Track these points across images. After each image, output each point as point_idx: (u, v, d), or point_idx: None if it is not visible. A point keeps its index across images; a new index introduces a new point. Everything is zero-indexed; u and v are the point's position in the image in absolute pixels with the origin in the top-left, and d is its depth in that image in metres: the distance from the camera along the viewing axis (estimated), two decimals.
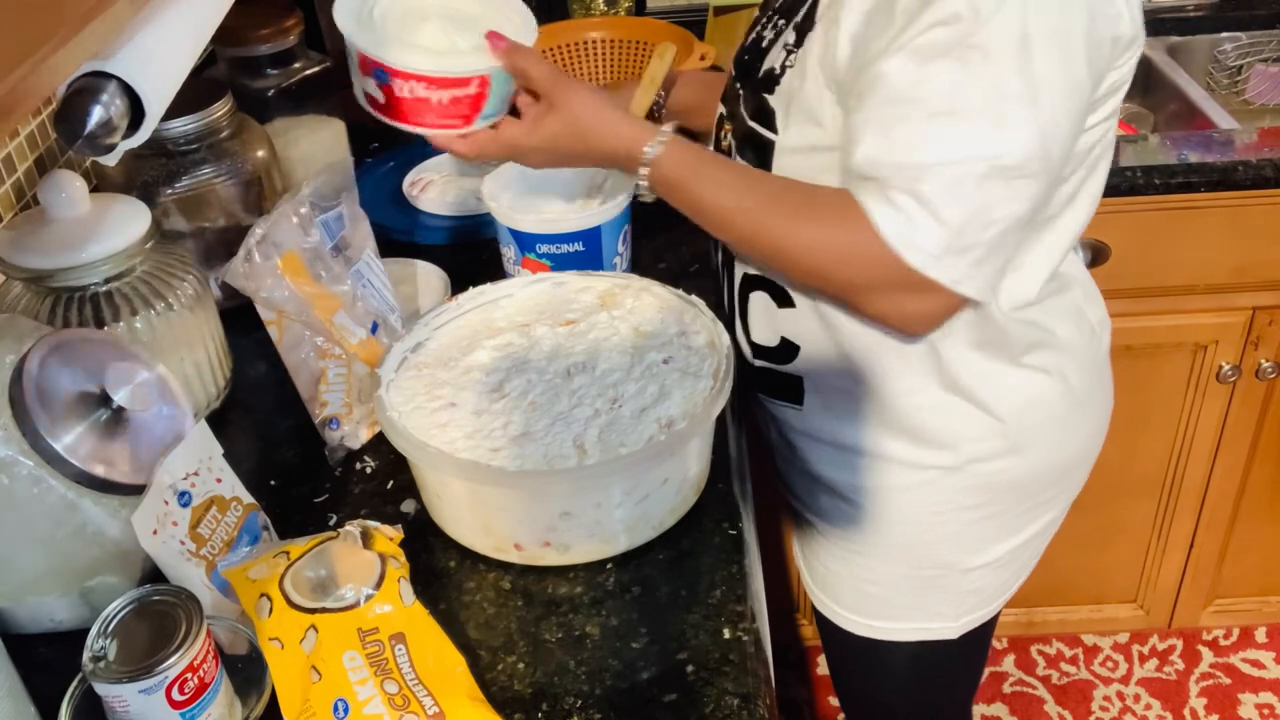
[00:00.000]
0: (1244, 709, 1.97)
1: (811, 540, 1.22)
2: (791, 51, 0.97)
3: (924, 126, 0.85)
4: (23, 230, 1.03)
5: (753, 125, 1.01)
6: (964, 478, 1.07)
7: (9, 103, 0.45)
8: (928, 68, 0.84)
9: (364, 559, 0.86)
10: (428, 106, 0.93)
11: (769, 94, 0.99)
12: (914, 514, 1.10)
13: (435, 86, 0.92)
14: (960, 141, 0.84)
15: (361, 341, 1.09)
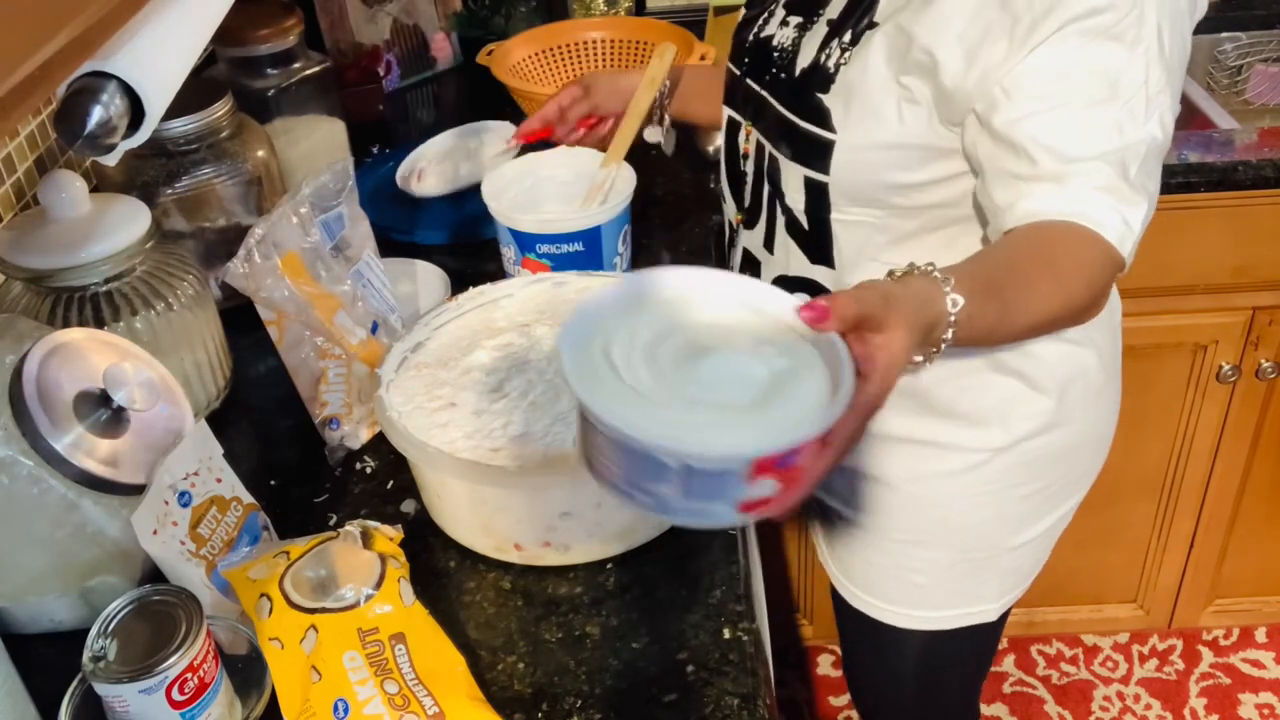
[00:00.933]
0: (1244, 709, 1.97)
1: (848, 537, 1.20)
2: (846, 49, 0.95)
3: (1088, 119, 0.85)
4: (23, 230, 1.03)
5: (805, 126, 0.98)
6: (1014, 455, 1.08)
7: (9, 103, 0.45)
8: (1075, 61, 0.85)
9: (364, 559, 0.86)
10: (806, 455, 0.63)
11: (822, 92, 0.97)
12: (965, 497, 1.11)
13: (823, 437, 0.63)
14: (1127, 129, 0.85)
15: (361, 341, 1.09)
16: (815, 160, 0.98)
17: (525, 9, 1.85)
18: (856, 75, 0.94)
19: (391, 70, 1.83)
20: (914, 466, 1.10)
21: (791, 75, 1.01)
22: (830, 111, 0.96)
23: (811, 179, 1.00)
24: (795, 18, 1.03)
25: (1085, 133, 0.85)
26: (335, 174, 1.12)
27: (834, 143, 0.96)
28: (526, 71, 1.66)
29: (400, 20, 1.83)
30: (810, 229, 1.03)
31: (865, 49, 0.94)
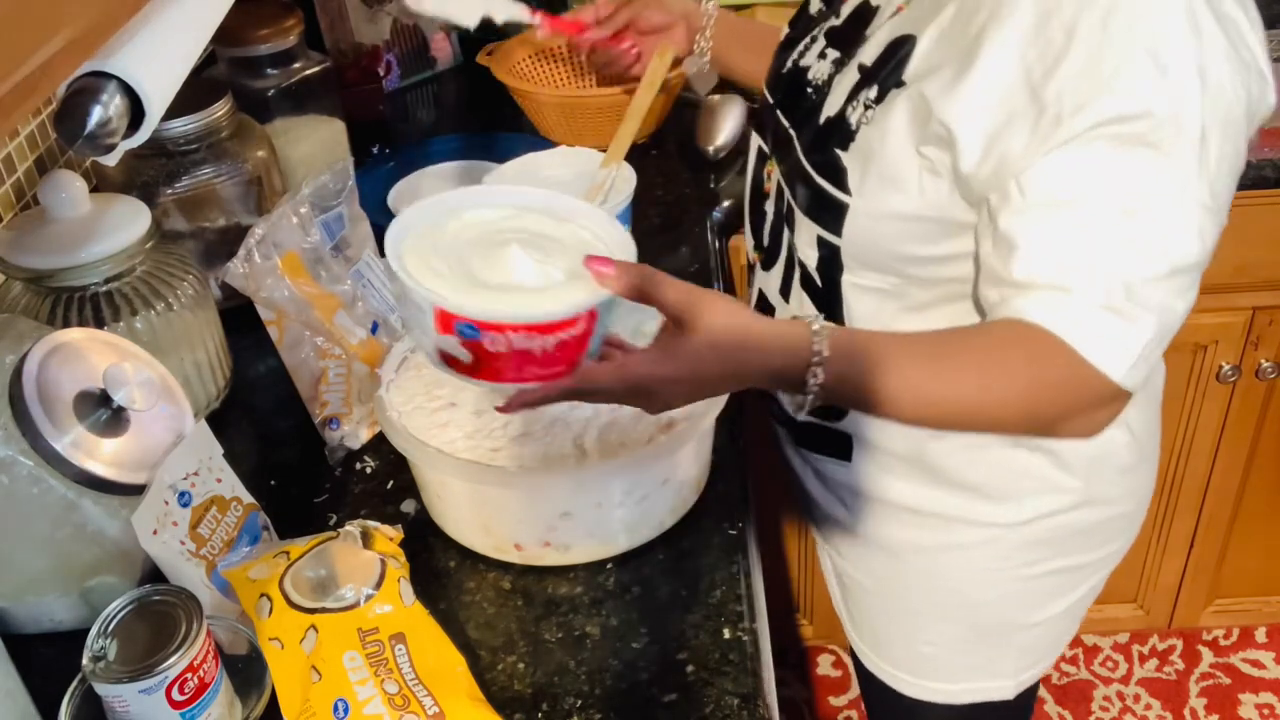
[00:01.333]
0: (1244, 709, 1.97)
1: (859, 598, 1.15)
2: (870, 107, 0.88)
3: (1101, 230, 0.77)
4: (23, 230, 1.03)
5: (820, 181, 0.91)
6: (1029, 532, 1.01)
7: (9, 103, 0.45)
8: (1099, 168, 0.77)
9: (364, 559, 0.86)
10: (529, 358, 0.73)
11: (841, 149, 0.89)
12: (975, 572, 1.04)
13: (538, 334, 0.71)
14: (1142, 245, 0.77)
15: (361, 341, 1.09)
16: (828, 220, 0.92)
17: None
18: (876, 138, 0.87)
19: (391, 70, 1.83)
20: (918, 537, 1.04)
21: (816, 119, 0.94)
22: (847, 171, 0.89)
23: (824, 238, 0.93)
24: (834, 51, 0.96)
25: (1094, 246, 0.77)
26: (335, 174, 1.12)
27: (848, 206, 0.89)
28: (526, 71, 1.66)
29: (400, 20, 1.83)
30: (822, 287, 0.97)
31: (889, 110, 0.86)
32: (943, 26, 0.84)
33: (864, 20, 0.94)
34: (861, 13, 0.95)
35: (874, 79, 0.88)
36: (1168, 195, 0.77)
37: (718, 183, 1.52)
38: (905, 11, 0.89)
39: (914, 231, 0.88)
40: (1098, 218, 0.77)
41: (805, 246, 0.96)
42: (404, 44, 1.84)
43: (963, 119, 0.80)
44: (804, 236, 0.96)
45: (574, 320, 0.73)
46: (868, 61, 0.90)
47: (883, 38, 0.89)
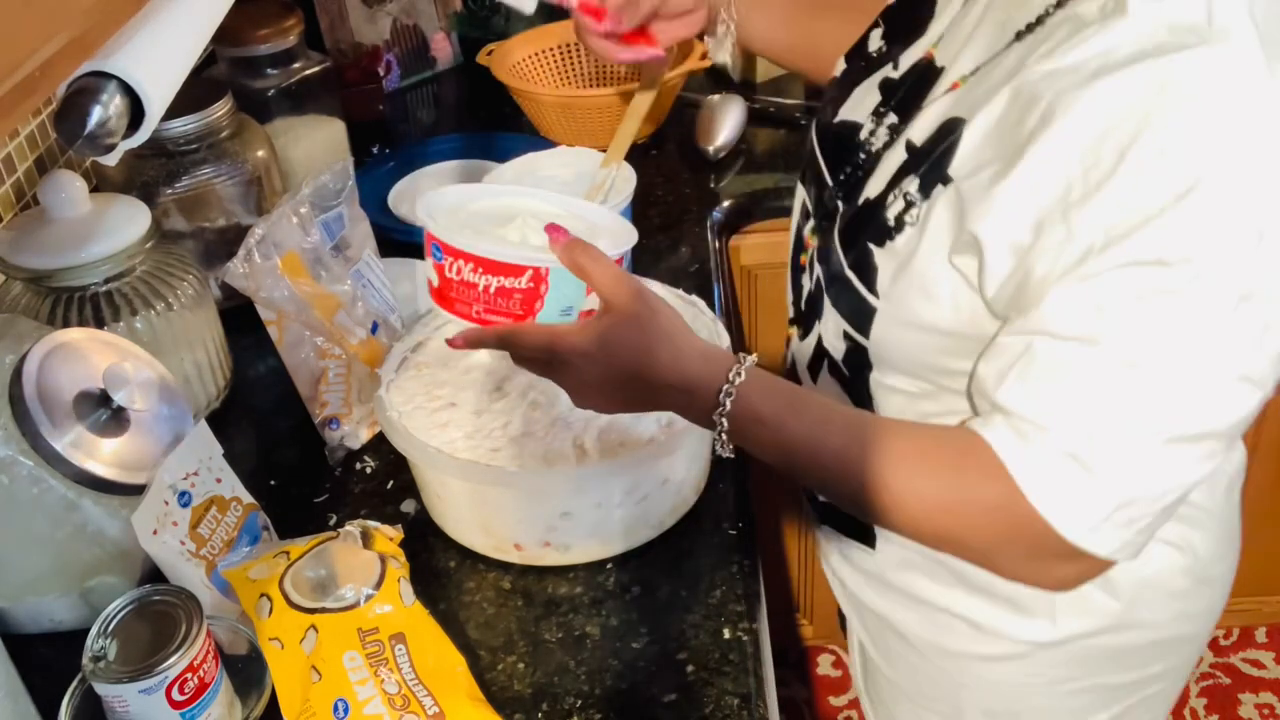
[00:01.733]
0: (1244, 709, 1.97)
1: (875, 678, 1.08)
2: (913, 204, 0.79)
3: (1102, 377, 0.69)
4: (23, 230, 1.03)
5: (849, 276, 0.83)
6: (1063, 651, 0.92)
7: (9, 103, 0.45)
8: (1118, 310, 0.68)
9: (364, 559, 0.86)
10: (474, 293, 0.80)
11: (876, 244, 0.81)
12: (998, 683, 0.96)
13: (483, 271, 0.79)
14: (1145, 402, 0.69)
15: (361, 341, 1.09)
16: (855, 318, 0.84)
17: None
18: (913, 241, 0.78)
19: (391, 70, 1.83)
20: (941, 639, 0.96)
21: (857, 196, 0.85)
22: (878, 272, 0.81)
23: (850, 334, 0.85)
24: (888, 112, 0.87)
25: (1085, 389, 0.70)
26: (335, 174, 1.12)
27: (876, 310, 0.82)
28: (526, 71, 1.66)
29: (400, 20, 1.83)
30: (850, 377, 0.89)
31: (930, 210, 0.77)
32: (993, 117, 0.74)
33: (925, 82, 0.85)
34: (924, 73, 0.86)
35: (919, 166, 0.79)
36: (1185, 354, 0.68)
37: (718, 183, 1.52)
38: (960, 90, 0.80)
39: (946, 345, 0.79)
40: (1099, 362, 0.69)
41: (832, 336, 0.89)
42: (404, 44, 1.84)
43: (992, 231, 0.72)
44: (830, 325, 0.89)
45: (519, 270, 0.79)
46: (917, 140, 0.81)
47: (936, 114, 0.80)
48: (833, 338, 0.89)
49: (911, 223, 0.78)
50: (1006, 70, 0.76)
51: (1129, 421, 0.69)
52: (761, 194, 1.50)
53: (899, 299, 0.80)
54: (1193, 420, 0.69)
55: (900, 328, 0.81)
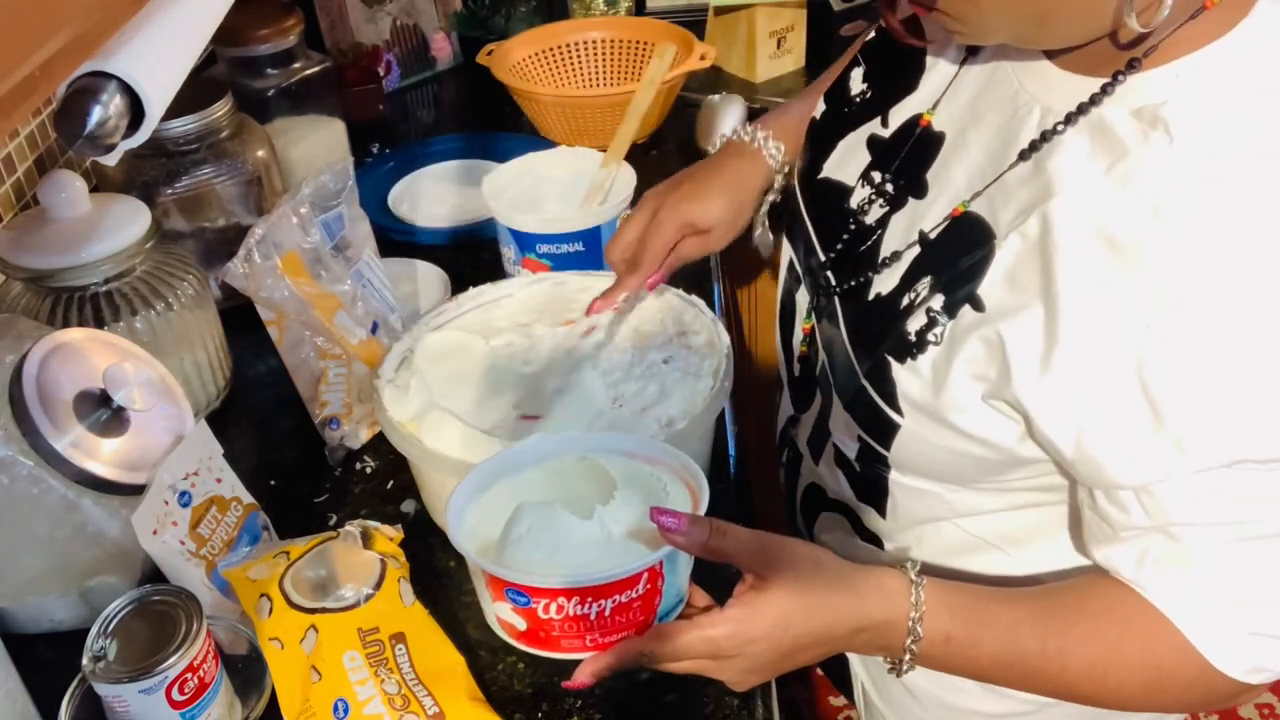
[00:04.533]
0: (1244, 709, 1.96)
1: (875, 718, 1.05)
2: (937, 321, 0.72)
3: (1250, 551, 0.66)
4: (23, 230, 1.03)
5: (866, 387, 0.77)
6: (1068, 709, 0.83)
7: (9, 103, 0.45)
8: (1244, 493, 0.64)
9: (364, 559, 0.86)
10: (584, 625, 0.67)
11: (895, 359, 0.75)
12: None
13: (593, 599, 0.65)
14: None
15: (361, 341, 1.09)
16: (872, 429, 0.79)
17: (525, 9, 1.85)
18: (941, 365, 0.72)
19: (391, 70, 1.83)
20: (946, 696, 0.92)
21: (865, 294, 0.79)
22: (897, 387, 0.75)
23: (867, 442, 0.80)
24: (878, 174, 0.82)
25: (1241, 567, 0.66)
26: (335, 174, 1.12)
27: (899, 426, 0.76)
28: (526, 71, 1.66)
29: (400, 20, 1.83)
30: (861, 473, 0.84)
31: (960, 340, 0.70)
32: (1029, 240, 0.67)
33: (925, 154, 0.79)
34: (922, 140, 0.80)
35: (940, 275, 0.73)
36: None
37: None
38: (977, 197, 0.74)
39: (975, 465, 0.75)
40: (1240, 537, 0.66)
41: (842, 434, 0.83)
42: (404, 44, 1.85)
43: (1052, 414, 0.66)
44: (841, 427, 0.83)
45: (634, 579, 0.66)
46: (930, 232, 0.76)
47: (947, 208, 0.75)
48: (844, 436, 0.84)
49: (935, 342, 0.72)
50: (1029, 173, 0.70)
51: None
52: None
53: (924, 421, 0.74)
54: None
55: (927, 446, 0.76)
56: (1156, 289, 0.61)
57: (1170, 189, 0.62)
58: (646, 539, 0.69)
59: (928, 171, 0.79)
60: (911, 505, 0.83)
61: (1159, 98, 0.65)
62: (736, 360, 0.99)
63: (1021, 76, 0.74)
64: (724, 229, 0.98)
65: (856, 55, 0.91)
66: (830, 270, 0.85)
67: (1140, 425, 0.63)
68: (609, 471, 0.75)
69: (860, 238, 0.82)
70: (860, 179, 0.85)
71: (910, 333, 0.74)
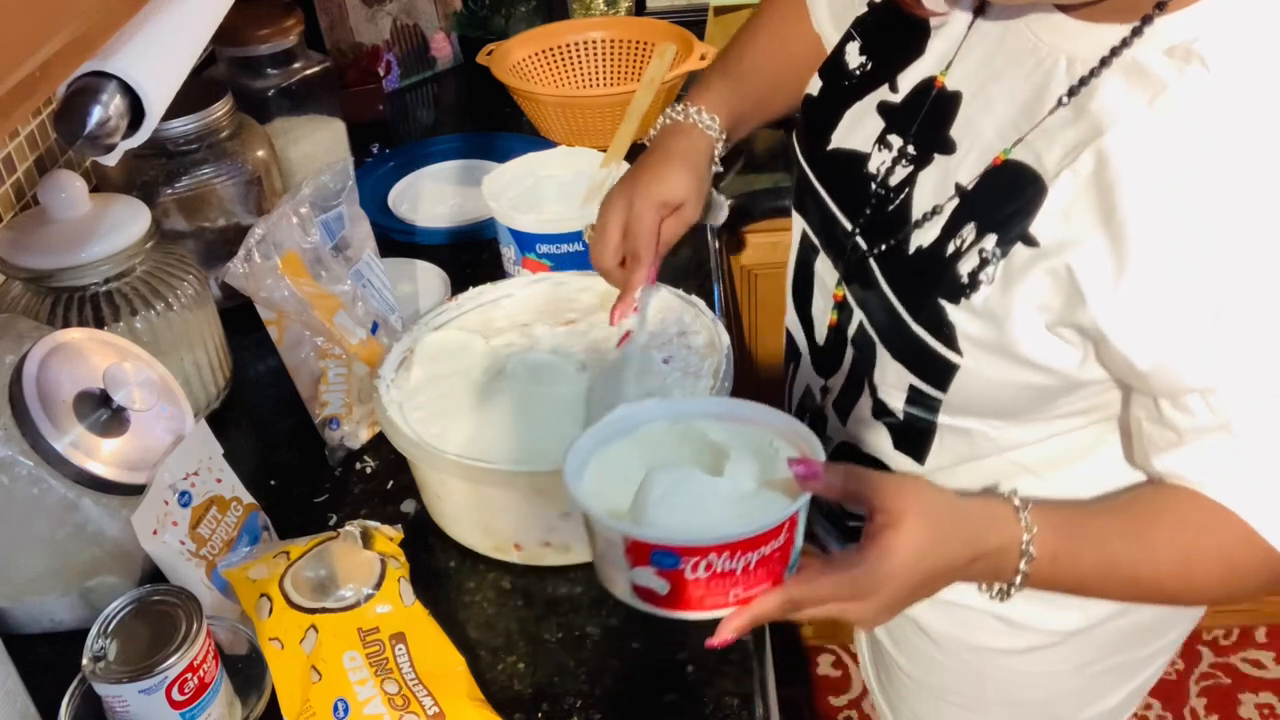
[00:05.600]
0: (1244, 709, 1.97)
1: (895, 680, 1.08)
2: (990, 261, 0.75)
3: None
4: (23, 230, 1.03)
5: (919, 333, 0.80)
6: (1088, 636, 0.94)
7: (9, 103, 0.45)
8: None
9: (364, 559, 0.86)
10: (731, 580, 0.67)
11: (949, 301, 0.78)
12: (1026, 673, 0.97)
13: (741, 552, 0.66)
14: None
15: (361, 341, 1.09)
16: (928, 373, 0.81)
17: (525, 9, 1.85)
18: (998, 301, 0.75)
19: (391, 70, 1.83)
20: (971, 636, 0.96)
21: (904, 247, 0.82)
22: (956, 329, 0.78)
23: (919, 388, 0.83)
24: (896, 138, 0.85)
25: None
26: (335, 174, 1.12)
27: (957, 367, 0.79)
28: (526, 71, 1.66)
29: (400, 20, 1.83)
30: (905, 421, 0.87)
31: (1018, 276, 0.74)
32: (1083, 176, 0.71)
33: (943, 114, 0.82)
34: (939, 101, 0.83)
35: (986, 218, 0.77)
36: None
37: (718, 183, 1.52)
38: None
39: (1035, 394, 0.79)
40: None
41: (890, 389, 0.86)
42: (404, 44, 1.85)
43: (1124, 325, 0.70)
44: (890, 379, 0.86)
45: (778, 529, 0.66)
46: (966, 183, 0.79)
47: (981, 159, 0.79)
48: (892, 390, 0.86)
49: (988, 281, 0.76)
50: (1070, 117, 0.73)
51: None
52: (761, 194, 1.50)
53: (986, 358, 0.77)
54: None
55: (984, 383, 0.79)
56: (1214, 207, 0.66)
57: (1213, 114, 0.67)
58: (779, 490, 0.69)
59: (951, 129, 0.82)
60: (955, 446, 0.86)
61: (1189, 36, 0.69)
62: (736, 360, 0.99)
63: (1037, 30, 0.77)
64: (694, 200, 1.01)
65: (850, 30, 0.93)
66: (861, 236, 0.87)
67: (1210, 330, 0.68)
68: (707, 435, 0.74)
69: (887, 200, 0.85)
70: (876, 144, 0.87)
71: (962, 275, 0.77)
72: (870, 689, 1.17)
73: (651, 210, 0.98)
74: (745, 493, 0.70)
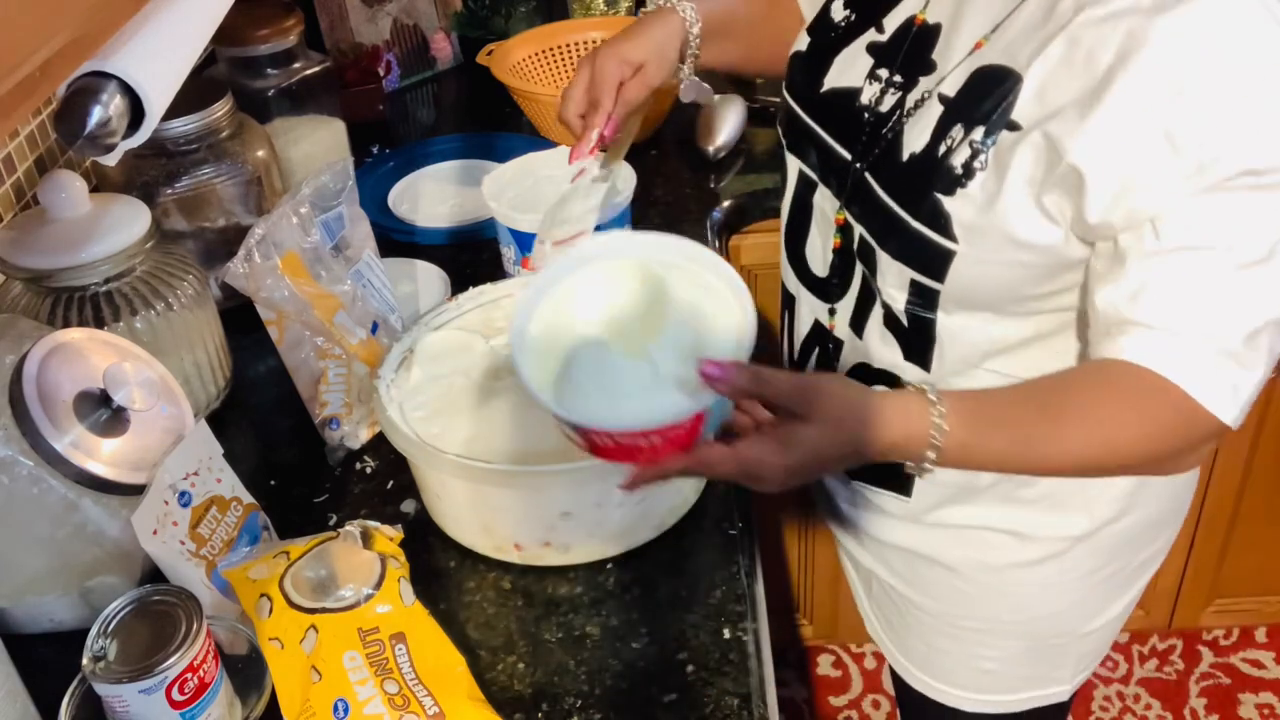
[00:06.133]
0: (1244, 709, 1.97)
1: (907, 617, 1.13)
2: (980, 150, 0.84)
3: (1231, 277, 0.77)
4: (23, 230, 1.03)
5: (918, 228, 0.87)
6: (1093, 542, 1.01)
7: (9, 103, 0.45)
8: (1235, 215, 0.77)
9: (364, 559, 0.86)
10: (638, 451, 0.75)
11: (945, 194, 0.85)
12: (1041, 586, 1.03)
13: (642, 436, 0.74)
14: (1268, 292, 0.78)
15: (361, 341, 1.09)
16: (927, 265, 0.88)
17: (525, 9, 1.85)
18: (991, 184, 0.83)
19: (391, 70, 1.83)
20: (987, 557, 1.02)
21: (897, 158, 0.90)
22: (953, 218, 0.85)
23: (919, 282, 0.90)
24: (885, 71, 0.93)
25: (1223, 292, 0.78)
26: (335, 174, 1.12)
27: (954, 253, 0.86)
28: (526, 71, 1.66)
29: (400, 20, 1.83)
30: (910, 326, 0.93)
31: (1007, 158, 0.82)
32: (1052, 62, 0.80)
33: (925, 43, 0.91)
34: (920, 33, 0.91)
35: (972, 116, 0.85)
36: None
37: (718, 183, 1.52)
38: (985, 47, 0.86)
39: (1023, 275, 0.86)
40: (1229, 264, 0.77)
41: (892, 289, 0.92)
42: (404, 44, 1.85)
43: (1096, 160, 0.78)
44: (892, 279, 0.92)
45: (678, 425, 0.73)
46: (950, 93, 0.87)
47: (962, 73, 0.87)
48: (893, 290, 0.92)
49: (981, 168, 0.84)
50: (1039, 21, 0.82)
51: (1262, 310, 0.78)
52: (761, 194, 1.50)
53: (981, 241, 0.85)
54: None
55: (979, 267, 0.86)
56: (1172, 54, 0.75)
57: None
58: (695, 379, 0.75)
59: (933, 54, 0.90)
60: (956, 347, 0.92)
61: None
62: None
63: None
64: (655, 61, 1.08)
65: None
66: (858, 161, 0.94)
67: (1163, 159, 0.76)
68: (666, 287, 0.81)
69: (880, 124, 0.92)
70: (867, 79, 0.94)
71: (956, 167, 0.85)
72: (876, 637, 1.20)
73: (612, 64, 1.06)
74: (661, 380, 0.76)
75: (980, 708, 1.14)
